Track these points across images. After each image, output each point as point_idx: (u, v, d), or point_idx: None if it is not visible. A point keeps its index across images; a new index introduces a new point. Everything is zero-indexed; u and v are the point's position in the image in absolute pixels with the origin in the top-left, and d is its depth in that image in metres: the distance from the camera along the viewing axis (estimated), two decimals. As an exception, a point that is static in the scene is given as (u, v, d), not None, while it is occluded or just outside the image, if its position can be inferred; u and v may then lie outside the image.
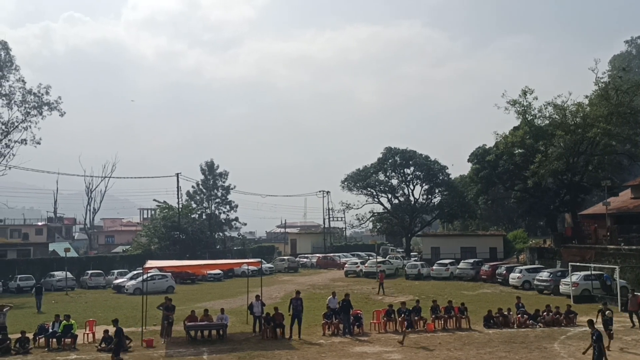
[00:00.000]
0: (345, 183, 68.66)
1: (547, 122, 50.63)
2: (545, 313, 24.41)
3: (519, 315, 24.19)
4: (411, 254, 67.64)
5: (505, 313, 24.35)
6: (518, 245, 56.80)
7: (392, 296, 35.32)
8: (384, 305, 26.53)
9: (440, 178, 65.93)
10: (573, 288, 31.23)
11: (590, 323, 16.16)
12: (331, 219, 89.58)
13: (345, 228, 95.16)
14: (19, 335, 20.56)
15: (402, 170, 66.81)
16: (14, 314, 23.25)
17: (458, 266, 47.89)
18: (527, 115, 50.78)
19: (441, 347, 20.02)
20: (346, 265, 54.81)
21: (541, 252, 48.50)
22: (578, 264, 34.21)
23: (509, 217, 78.59)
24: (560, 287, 33.69)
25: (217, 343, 21.27)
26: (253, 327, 23.11)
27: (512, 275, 39.97)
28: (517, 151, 53.40)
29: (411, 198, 67.57)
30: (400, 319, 22.64)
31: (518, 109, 50.57)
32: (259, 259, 35.06)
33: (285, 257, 66.56)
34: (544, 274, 36.72)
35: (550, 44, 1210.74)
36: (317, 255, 71.43)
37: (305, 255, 72.38)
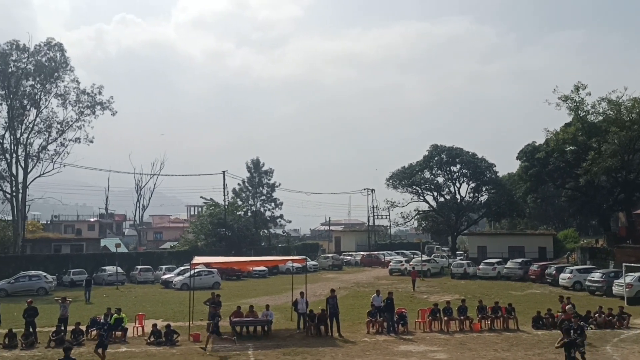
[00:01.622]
0: (390, 181, 68.06)
1: (600, 118, 49.06)
2: (597, 315, 23.66)
3: (570, 317, 23.52)
4: (457, 252, 66.68)
5: (561, 314, 23.65)
6: (569, 245, 55.20)
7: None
8: (429, 304, 26.23)
9: (488, 176, 64.60)
10: (627, 289, 30.22)
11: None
12: (376, 217, 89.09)
13: (390, 226, 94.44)
14: (74, 327, 21.29)
15: (448, 168, 65.78)
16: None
17: (505, 266, 46.89)
18: (579, 112, 49.31)
19: (488, 347, 19.67)
20: (391, 264, 54.52)
21: (593, 252, 47.07)
22: (632, 264, 33.01)
23: (559, 216, 76.52)
24: (613, 288, 32.63)
25: (262, 339, 21.50)
26: (297, 324, 23.26)
27: (562, 275, 38.92)
28: (568, 148, 51.85)
29: (457, 196, 66.50)
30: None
31: (570, 105, 49.17)
32: (304, 256, 35.28)
33: (329, 255, 66.71)
34: (596, 275, 35.65)
35: (603, 39, 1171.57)
36: (362, 253, 71.17)
37: (350, 253, 72.23)
